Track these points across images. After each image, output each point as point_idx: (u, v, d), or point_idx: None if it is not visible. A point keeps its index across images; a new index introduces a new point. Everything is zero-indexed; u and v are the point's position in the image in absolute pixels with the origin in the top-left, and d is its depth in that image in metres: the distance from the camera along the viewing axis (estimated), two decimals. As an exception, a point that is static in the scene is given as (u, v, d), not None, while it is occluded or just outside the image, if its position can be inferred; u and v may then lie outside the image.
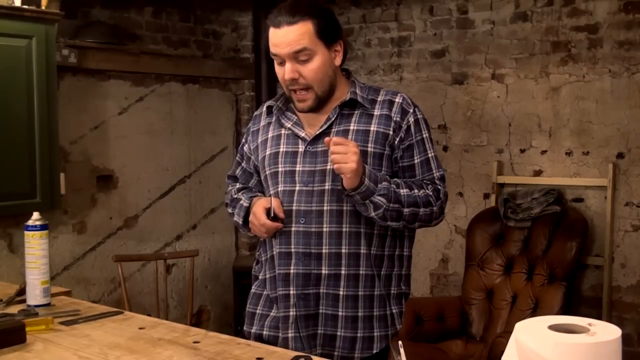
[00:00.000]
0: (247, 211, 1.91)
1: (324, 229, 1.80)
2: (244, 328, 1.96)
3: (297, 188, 1.83)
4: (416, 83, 4.35)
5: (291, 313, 1.83)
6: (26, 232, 1.96)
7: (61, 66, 3.59)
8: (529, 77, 3.95)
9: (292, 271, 1.82)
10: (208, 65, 4.62)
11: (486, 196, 4.11)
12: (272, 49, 1.81)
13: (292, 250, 1.82)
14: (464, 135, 4.19)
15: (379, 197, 1.72)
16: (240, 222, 1.94)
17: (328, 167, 1.79)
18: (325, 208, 1.80)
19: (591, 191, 3.78)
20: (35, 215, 1.97)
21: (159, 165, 4.37)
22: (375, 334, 1.84)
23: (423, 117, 1.90)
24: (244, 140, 2.04)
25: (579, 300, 3.77)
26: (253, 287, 1.98)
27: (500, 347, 2.60)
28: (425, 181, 1.85)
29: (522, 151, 3.99)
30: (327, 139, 1.71)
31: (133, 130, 4.21)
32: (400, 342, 1.35)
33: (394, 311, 1.88)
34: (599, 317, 3.23)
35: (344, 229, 1.80)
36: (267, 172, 1.89)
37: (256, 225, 1.84)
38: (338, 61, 1.85)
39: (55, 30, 3.38)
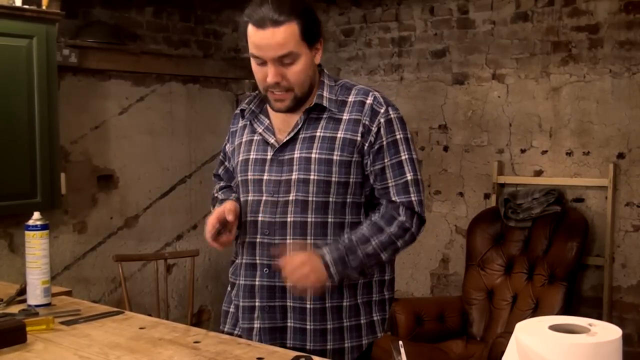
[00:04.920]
0: None
1: (287, 241, 1.74)
2: (220, 326, 1.94)
3: (263, 198, 1.78)
4: (417, 83, 4.35)
5: (255, 325, 1.80)
6: (27, 232, 1.95)
7: (62, 66, 3.59)
8: (530, 77, 3.94)
9: (256, 283, 1.79)
10: (208, 65, 4.62)
11: (486, 196, 4.11)
12: (254, 51, 1.69)
13: (257, 261, 1.79)
14: (464, 136, 4.19)
15: (353, 272, 1.71)
16: None
17: (293, 176, 1.74)
18: (288, 219, 1.74)
19: (592, 191, 3.77)
20: (36, 215, 1.97)
21: (160, 165, 4.37)
22: (346, 345, 1.77)
23: (398, 116, 1.77)
24: (226, 139, 1.99)
25: (579, 300, 3.76)
26: (229, 286, 1.95)
27: (501, 348, 2.60)
28: (394, 200, 1.74)
29: (523, 151, 3.98)
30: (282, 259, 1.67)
31: (133, 130, 4.21)
32: (400, 342, 1.34)
33: (374, 319, 1.82)
34: (599, 318, 3.24)
35: (308, 241, 1.73)
36: (239, 179, 1.86)
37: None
38: (318, 59, 1.77)
39: (56, 30, 3.38)
